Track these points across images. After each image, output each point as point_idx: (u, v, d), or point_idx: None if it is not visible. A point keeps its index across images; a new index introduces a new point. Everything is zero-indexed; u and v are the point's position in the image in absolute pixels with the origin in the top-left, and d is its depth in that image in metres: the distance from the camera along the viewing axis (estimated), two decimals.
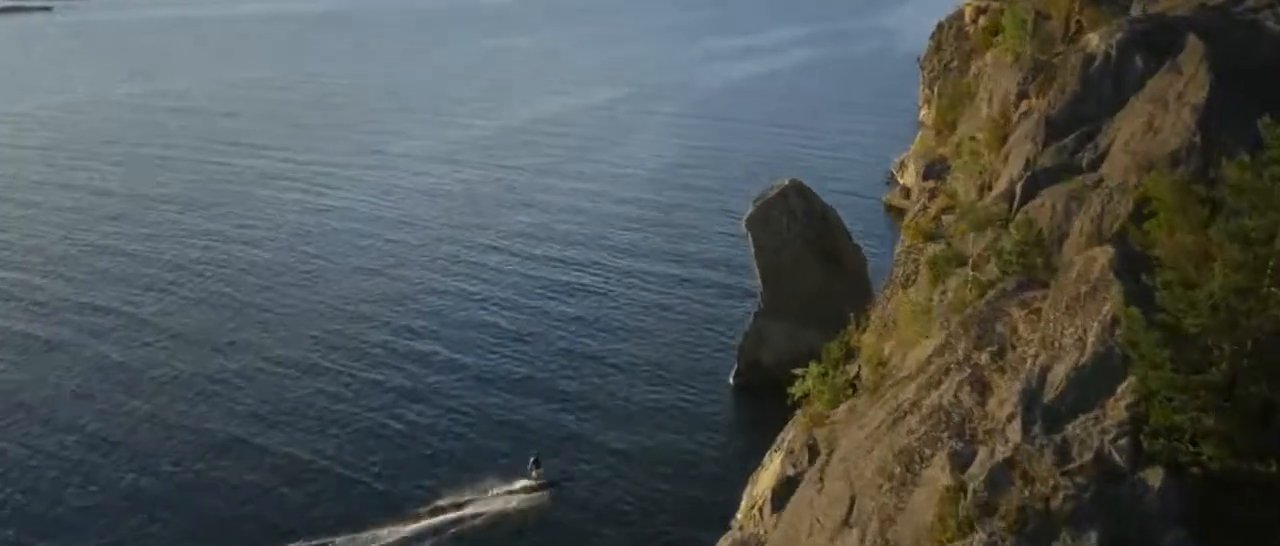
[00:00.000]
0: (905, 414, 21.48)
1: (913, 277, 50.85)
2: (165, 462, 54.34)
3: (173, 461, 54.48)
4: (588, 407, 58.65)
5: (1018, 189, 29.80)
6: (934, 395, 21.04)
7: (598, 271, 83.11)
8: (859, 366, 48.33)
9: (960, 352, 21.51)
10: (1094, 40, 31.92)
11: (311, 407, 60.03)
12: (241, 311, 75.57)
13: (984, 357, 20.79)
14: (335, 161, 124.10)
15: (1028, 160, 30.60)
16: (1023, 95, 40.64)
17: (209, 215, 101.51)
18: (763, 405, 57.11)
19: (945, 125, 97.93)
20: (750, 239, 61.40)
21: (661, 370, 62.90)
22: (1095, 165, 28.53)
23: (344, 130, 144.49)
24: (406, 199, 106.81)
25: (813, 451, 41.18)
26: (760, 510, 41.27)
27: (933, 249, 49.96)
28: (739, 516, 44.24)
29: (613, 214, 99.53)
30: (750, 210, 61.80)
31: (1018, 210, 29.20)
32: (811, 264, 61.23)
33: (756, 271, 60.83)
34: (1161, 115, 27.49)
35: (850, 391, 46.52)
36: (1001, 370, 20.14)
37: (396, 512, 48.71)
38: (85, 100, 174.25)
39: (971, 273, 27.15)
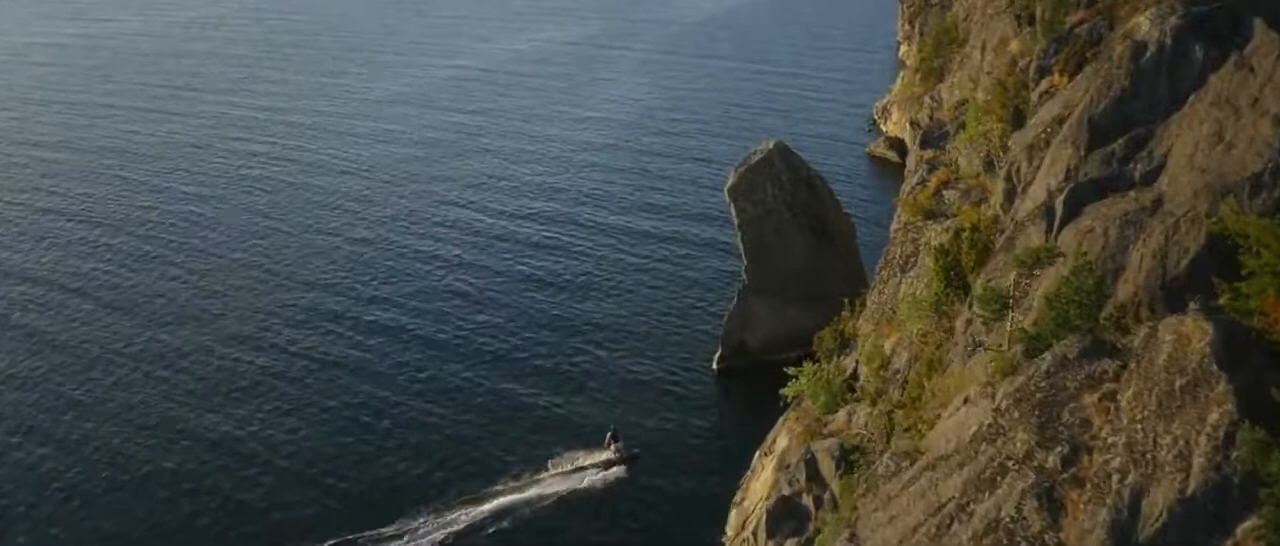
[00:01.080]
0: (951, 519, 17.66)
1: (912, 260, 46.97)
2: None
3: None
4: (558, 393, 54.59)
5: (1058, 205, 25.62)
6: (989, 501, 17.21)
7: (568, 227, 78.52)
8: (856, 362, 44.58)
9: (1019, 446, 17.63)
10: (1144, 24, 27.54)
11: (260, 387, 55.64)
12: (180, 278, 70.54)
13: (1052, 461, 16.92)
14: (284, 106, 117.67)
15: (1068, 169, 26.36)
16: (1044, 72, 36.25)
17: (154, 169, 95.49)
18: (749, 392, 53.47)
19: (930, 70, 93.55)
20: (733, 209, 57.04)
21: (639, 350, 58.73)
22: (1150, 179, 24.48)
23: (294, 72, 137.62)
24: (360, 147, 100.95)
25: (811, 469, 37.55)
26: (754, 534, 37.67)
27: (934, 230, 46.11)
28: (729, 534, 40.68)
29: (583, 162, 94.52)
30: (731, 178, 57.33)
31: (1059, 231, 25.06)
32: (798, 235, 57.10)
33: (740, 245, 56.57)
34: (1233, 124, 23.39)
35: (849, 394, 42.89)
36: (1078, 483, 16.27)
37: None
38: (18, 43, 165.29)
39: (1014, 321, 23.14)
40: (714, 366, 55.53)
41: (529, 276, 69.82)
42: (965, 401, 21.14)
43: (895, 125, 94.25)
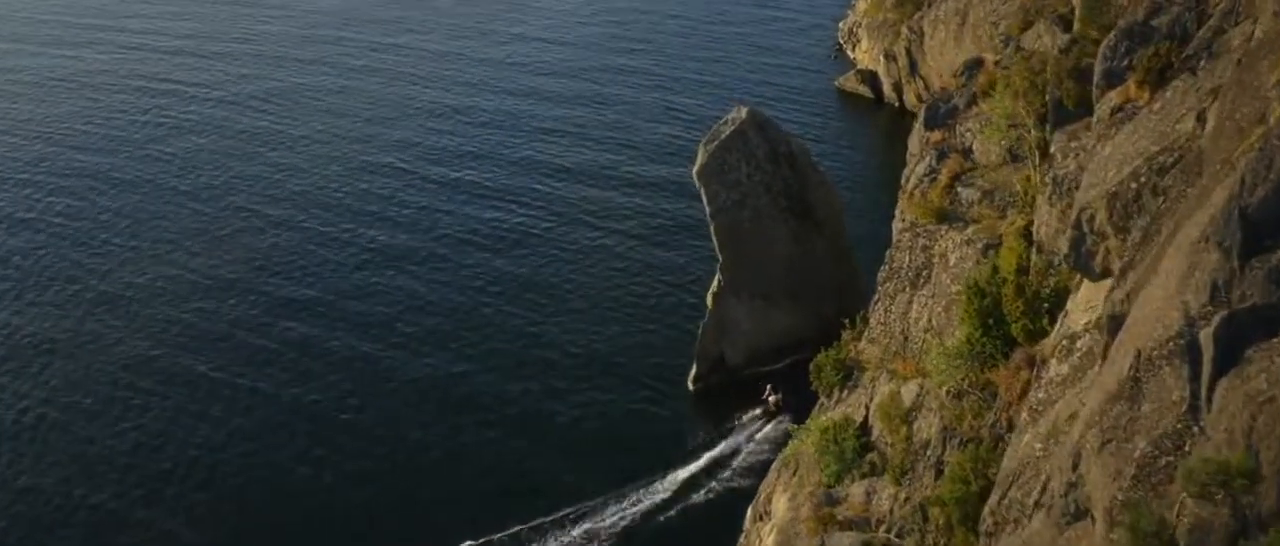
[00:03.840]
0: None
1: (925, 274, 39.74)
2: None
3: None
4: (503, 425, 47.07)
5: (1205, 341, 18.24)
6: None
7: (519, 202, 69.75)
8: (867, 408, 37.53)
9: None
10: None
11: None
12: (92, 268, 61.34)
13: None
14: (206, 55, 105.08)
15: (1214, 284, 18.90)
16: (1114, 80, 28.46)
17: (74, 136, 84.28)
18: (733, 414, 46.36)
19: None
20: (703, 194, 49.15)
21: (600, 373, 50.33)
22: None
23: (226, 25, 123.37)
24: (295, 108, 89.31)
25: None
26: None
27: (953, 239, 38.82)
28: None
29: (528, 116, 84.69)
30: (699, 157, 49.33)
31: (1212, 387, 17.75)
32: (779, 221, 49.61)
33: (713, 237, 48.84)
34: None
35: (863, 456, 35.93)
36: None
37: None
38: None
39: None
40: (690, 386, 48.06)
41: (470, 268, 61.56)
42: None
43: (866, 54, 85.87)
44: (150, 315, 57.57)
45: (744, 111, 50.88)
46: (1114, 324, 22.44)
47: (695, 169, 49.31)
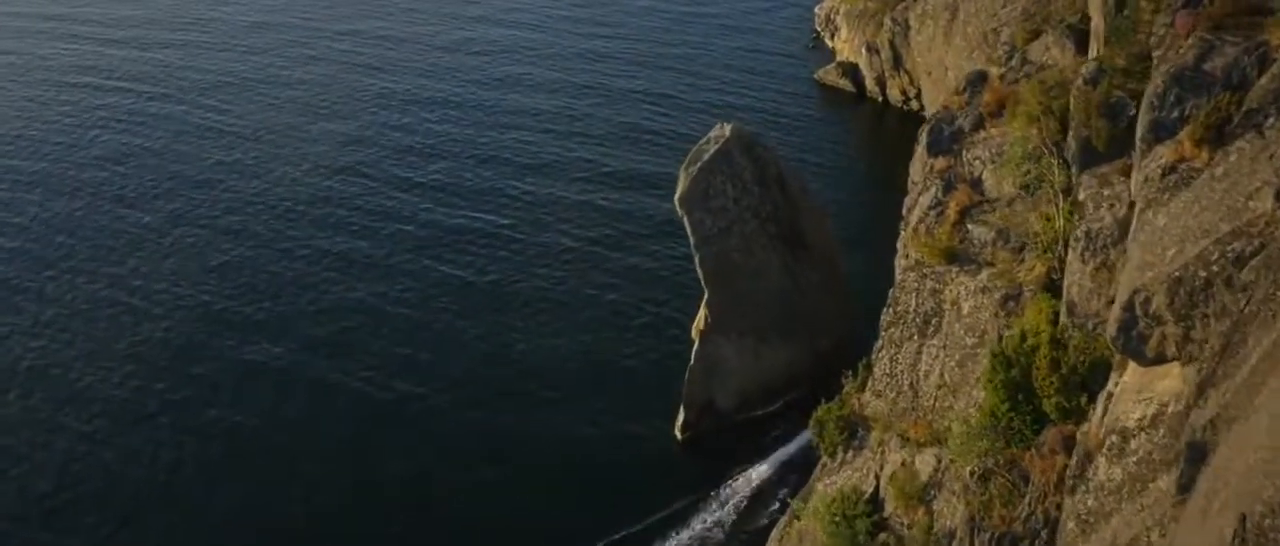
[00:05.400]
0: None
1: (935, 322, 36.47)
2: None
3: None
4: (462, 469, 43.62)
5: None
6: None
7: (481, 202, 65.76)
8: (876, 477, 34.28)
9: None
10: None
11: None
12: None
13: None
14: (145, 45, 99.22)
15: None
16: (1163, 134, 25.05)
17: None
18: (726, 467, 42.93)
19: None
20: (687, 223, 45.51)
21: (575, 419, 46.65)
22: None
23: (164, 11, 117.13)
24: (239, 100, 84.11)
25: None
26: None
27: (965, 284, 35.53)
28: None
29: (490, 106, 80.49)
30: (682, 182, 45.62)
31: None
32: (769, 250, 46.13)
33: (698, 270, 45.25)
34: None
35: (874, 536, 32.71)
36: None
37: None
38: None
39: None
40: (677, 435, 44.49)
41: (430, 280, 57.62)
42: None
43: (845, 44, 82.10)
44: (82, 333, 53.67)
45: (728, 129, 47.18)
46: (1195, 453, 19.12)
47: (677, 196, 45.62)
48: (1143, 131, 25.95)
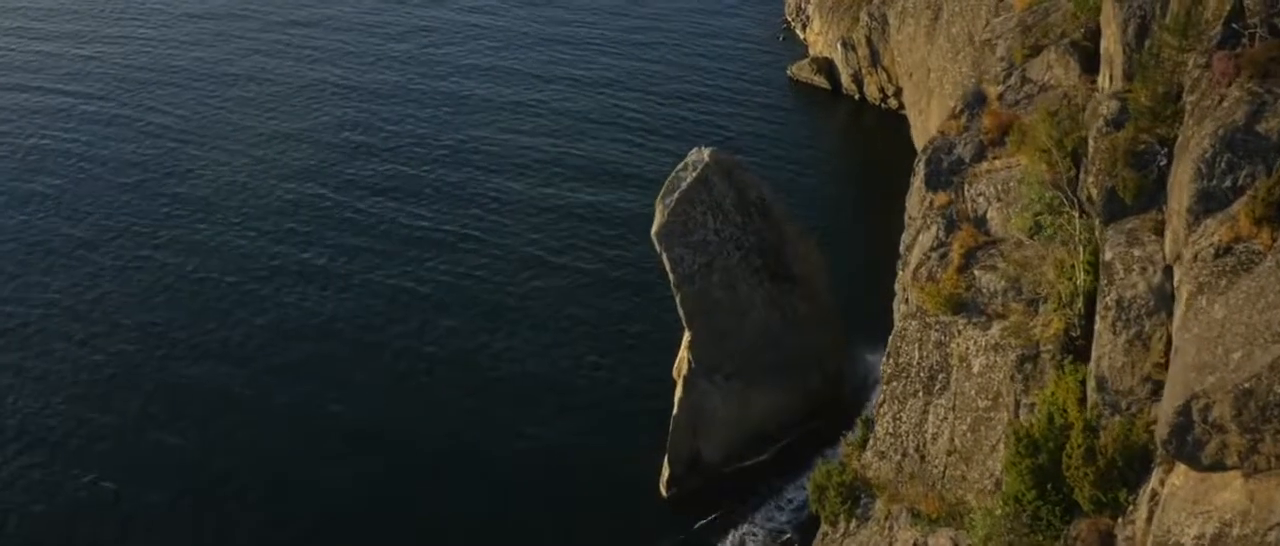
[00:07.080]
0: None
1: (941, 378, 33.67)
2: None
3: None
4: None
5: None
6: None
7: (445, 201, 62.19)
8: None
9: None
10: None
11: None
12: None
13: None
14: (84, 38, 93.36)
15: None
16: (1214, 205, 22.21)
17: None
18: (717, 534, 39.87)
19: None
20: (665, 259, 42.35)
21: (551, 481, 42.81)
22: None
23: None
24: (186, 96, 78.48)
25: None
26: None
27: (974, 339, 32.71)
28: None
29: (452, 98, 75.97)
30: (659, 215, 42.41)
31: None
32: (753, 285, 43.17)
33: (679, 309, 42.14)
34: None
35: None
36: None
37: None
38: None
39: None
40: (663, 492, 41.19)
41: (377, 309, 54.00)
42: None
43: (819, 38, 78.80)
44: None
45: (707, 153, 43.98)
46: None
47: (654, 230, 42.43)
48: (1189, 202, 23.07)
